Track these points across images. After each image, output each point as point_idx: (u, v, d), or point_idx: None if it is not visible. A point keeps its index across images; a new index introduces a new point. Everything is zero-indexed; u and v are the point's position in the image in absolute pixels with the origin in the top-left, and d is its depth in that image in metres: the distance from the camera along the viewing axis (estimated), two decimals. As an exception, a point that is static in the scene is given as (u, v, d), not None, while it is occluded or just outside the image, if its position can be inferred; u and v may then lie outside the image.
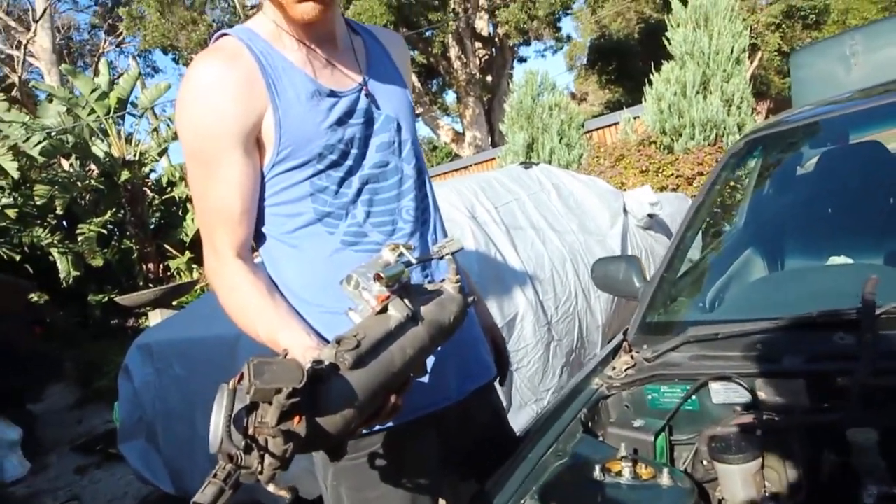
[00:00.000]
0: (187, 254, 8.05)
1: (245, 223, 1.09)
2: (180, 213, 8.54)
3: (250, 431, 0.70)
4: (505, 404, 1.97)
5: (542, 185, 3.80)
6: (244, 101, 1.04)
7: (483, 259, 2.97)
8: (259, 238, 1.15)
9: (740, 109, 6.32)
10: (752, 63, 9.96)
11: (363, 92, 1.14)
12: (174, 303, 6.40)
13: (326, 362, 0.79)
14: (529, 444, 1.22)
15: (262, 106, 1.05)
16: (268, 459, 0.70)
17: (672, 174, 5.79)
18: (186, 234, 8.24)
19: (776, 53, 12.39)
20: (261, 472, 0.70)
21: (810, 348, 1.19)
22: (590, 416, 1.33)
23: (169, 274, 8.15)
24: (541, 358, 2.94)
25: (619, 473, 1.08)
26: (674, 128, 6.32)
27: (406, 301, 0.92)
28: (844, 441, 1.07)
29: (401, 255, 0.96)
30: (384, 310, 0.90)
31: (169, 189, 8.69)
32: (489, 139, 15.01)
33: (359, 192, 1.12)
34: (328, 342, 1.10)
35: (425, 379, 1.05)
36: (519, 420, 2.76)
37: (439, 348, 1.00)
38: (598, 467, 1.09)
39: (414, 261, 0.96)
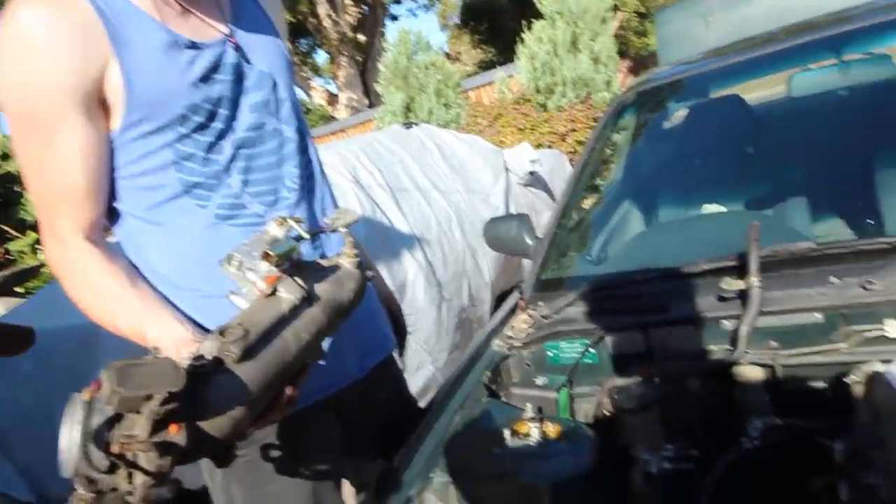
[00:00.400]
0: (30, 234, 7.16)
1: (92, 201, 0.92)
2: (17, 190, 7.56)
3: (114, 449, 0.57)
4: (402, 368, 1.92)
5: (425, 146, 3.74)
6: (80, 51, 0.86)
7: (369, 224, 2.87)
8: (113, 216, 0.98)
9: (607, 67, 6.58)
10: (616, 23, 10.41)
11: (230, 44, 1.00)
12: (19, 290, 5.69)
13: (209, 357, 0.68)
14: (434, 414, 1.17)
15: (104, 58, 0.87)
16: (139, 477, 0.59)
17: (547, 132, 5.94)
18: (27, 213, 7.33)
19: (635, 15, 13.03)
20: (130, 494, 0.58)
21: (699, 295, 1.23)
22: (493, 378, 1.31)
23: (9, 258, 7.24)
24: (434, 320, 2.92)
25: (526, 434, 1.06)
26: (547, 86, 6.47)
27: (298, 280, 0.82)
28: (733, 381, 1.13)
29: (289, 229, 0.85)
30: (274, 292, 0.79)
31: (2, 162, 7.65)
32: (365, 100, 14.64)
33: (232, 159, 0.98)
34: (208, 332, 0.98)
35: (322, 360, 0.96)
36: (416, 382, 2.74)
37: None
38: (506, 431, 1.07)
39: (305, 235, 0.86)
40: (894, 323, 1.03)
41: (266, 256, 0.79)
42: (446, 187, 3.55)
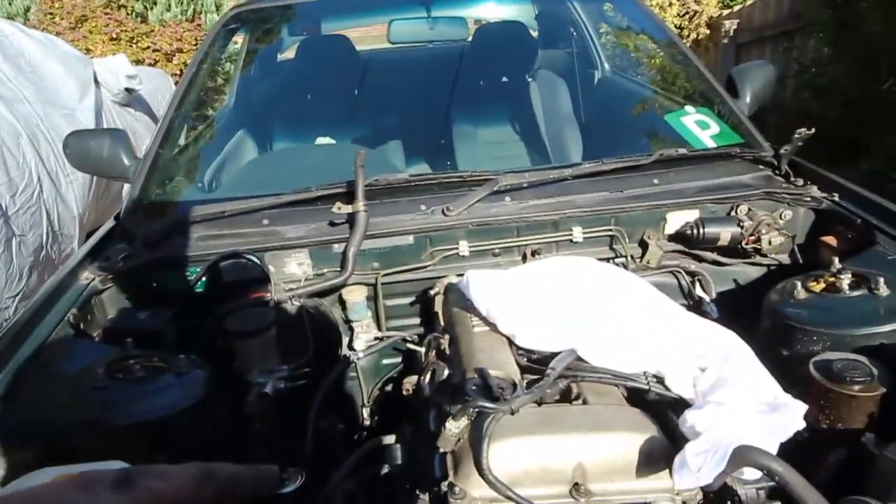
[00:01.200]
0: None
1: None
2: None
3: None
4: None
5: (-24, 36, 2.90)
6: None
7: None
8: None
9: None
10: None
11: None
12: None
13: None
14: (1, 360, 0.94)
15: None
16: None
17: (149, 47, 5.27)
18: None
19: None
20: None
21: (311, 220, 1.26)
22: (81, 315, 1.12)
23: None
24: (1, 259, 2.35)
25: (126, 372, 0.94)
26: (148, -5, 5.70)
27: None
28: (342, 300, 1.21)
29: None
30: None
31: None
32: None
33: None
34: None
35: None
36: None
37: None
38: (100, 371, 0.92)
39: None
40: (465, 244, 1.25)
41: None
42: (11, 94, 2.84)
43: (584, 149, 1.85)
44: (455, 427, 0.73)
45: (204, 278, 1.20)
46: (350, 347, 1.21)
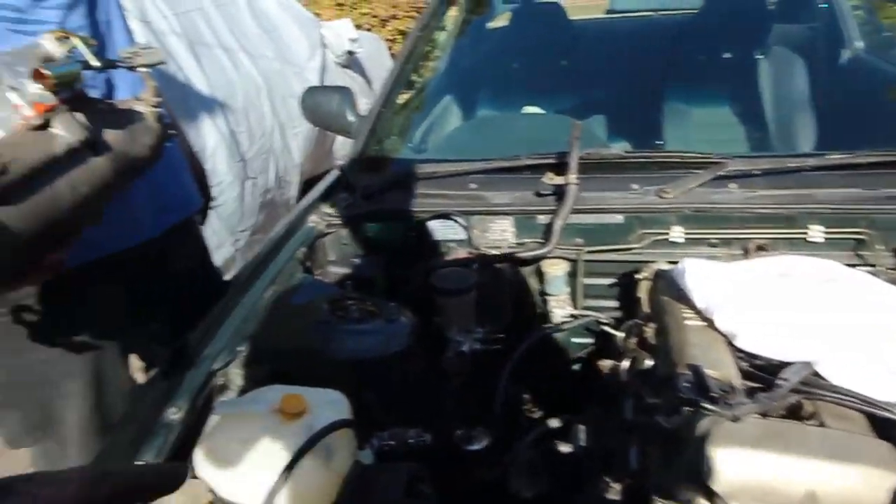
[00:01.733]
0: None
1: None
2: None
3: None
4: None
5: (232, -2, 3.29)
6: None
7: (163, 77, 2.48)
8: None
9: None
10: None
11: None
12: None
13: None
14: (243, 287, 1.08)
15: None
16: None
17: (367, 13, 5.62)
18: None
19: None
20: None
21: (518, 189, 1.26)
22: (308, 255, 1.24)
23: None
24: (237, 197, 2.70)
25: (344, 311, 1.02)
26: (371, -38, 6.05)
27: (79, 118, 0.64)
28: (540, 271, 1.20)
29: (73, 48, 0.66)
30: (45, 125, 0.62)
31: None
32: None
33: None
34: None
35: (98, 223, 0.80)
36: (215, 262, 2.55)
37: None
38: (322, 307, 1.02)
39: (95, 61, 0.67)
40: (679, 229, 1.17)
41: (38, 76, 0.61)
42: (255, 51, 3.20)
43: (819, 138, 1.63)
44: (666, 423, 0.69)
45: (413, 233, 1.26)
46: (544, 320, 1.21)
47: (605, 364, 1.08)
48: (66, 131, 0.63)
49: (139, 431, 0.78)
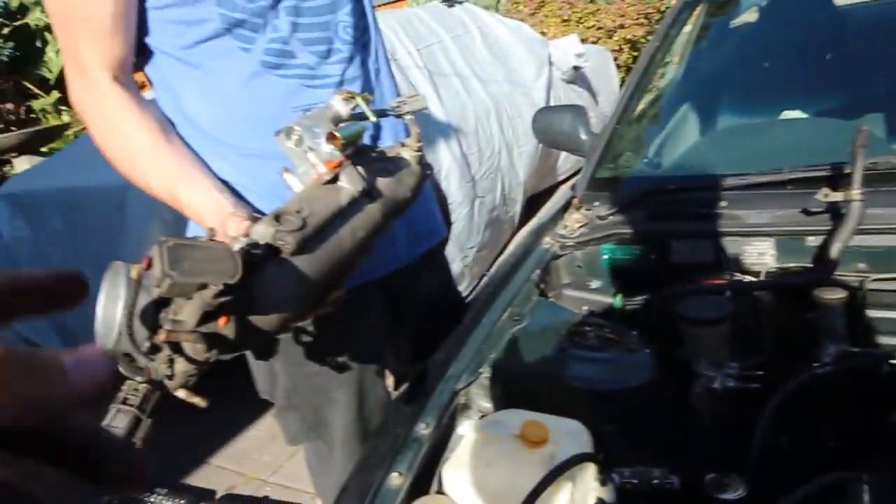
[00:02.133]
0: (54, 93, 7.00)
1: (120, 32, 0.81)
2: (39, 45, 7.32)
3: (160, 336, 0.51)
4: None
5: (467, 28, 3.48)
6: None
7: (405, 107, 2.72)
8: (145, 55, 0.87)
9: (666, -42, 6.04)
10: None
11: None
12: (43, 149, 5.64)
13: (261, 243, 0.61)
14: (483, 308, 1.11)
15: None
16: (181, 365, 0.53)
17: (593, 26, 5.55)
18: (50, 71, 7.12)
19: None
20: (170, 378, 0.53)
21: (781, 206, 1.12)
22: (542, 277, 1.24)
23: (33, 116, 7.13)
24: (466, 215, 2.83)
25: (583, 338, 0.99)
26: (597, -26, 5.97)
27: (361, 171, 0.72)
28: (812, 301, 1.04)
29: (355, 106, 0.74)
30: (334, 179, 0.70)
31: (20, 16, 7.35)
32: (397, -21, 13.78)
33: None
34: (243, 200, 0.89)
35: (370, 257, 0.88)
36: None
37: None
38: (562, 333, 1.00)
39: (372, 117, 0.76)
40: None
41: (331, 138, 0.69)
42: (487, 76, 3.34)
43: None
44: None
45: (654, 256, 1.19)
46: (814, 357, 1.04)
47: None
48: (349, 183, 0.71)
49: (393, 443, 0.84)
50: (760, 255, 1.11)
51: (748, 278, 1.09)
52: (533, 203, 3.79)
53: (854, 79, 1.93)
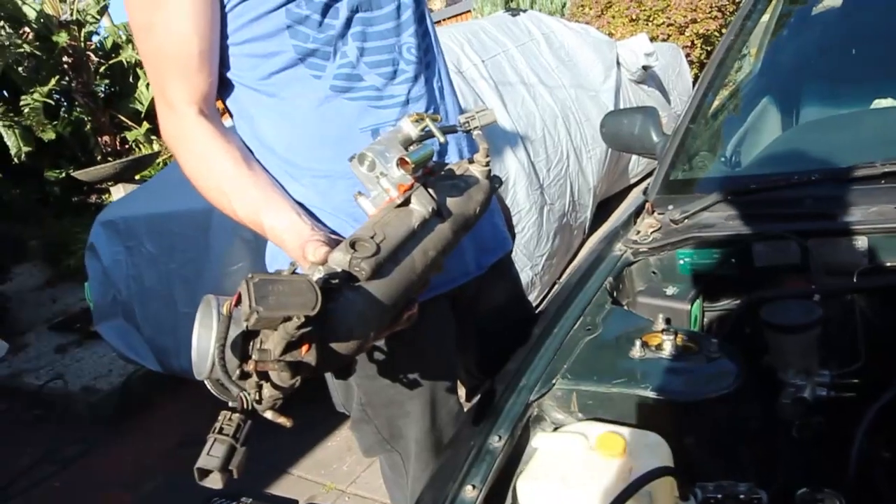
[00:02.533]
0: (144, 125, 7.51)
1: (205, 68, 0.86)
2: (131, 80, 7.87)
3: (249, 365, 0.56)
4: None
5: (532, 35, 3.48)
6: None
7: (472, 118, 2.73)
8: (225, 87, 0.92)
9: (738, -52, 5.80)
10: None
11: None
12: (136, 177, 6.04)
13: (338, 270, 0.64)
14: (554, 317, 1.09)
15: None
16: (268, 390, 0.57)
17: (663, 23, 5.39)
18: (141, 104, 7.65)
19: None
20: (258, 402, 0.57)
21: (872, 202, 1.05)
22: (615, 284, 1.21)
23: (127, 146, 7.65)
24: (535, 223, 2.81)
25: (659, 347, 0.96)
26: (666, -30, 5.80)
27: (431, 192, 0.74)
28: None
29: (424, 127, 0.76)
30: (406, 202, 0.72)
31: (114, 54, 7.93)
32: (461, -10, 13.90)
33: (348, 24, 0.89)
34: (316, 220, 0.92)
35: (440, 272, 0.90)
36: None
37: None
38: (637, 342, 0.97)
39: (441, 137, 0.77)
40: None
41: (402, 163, 0.71)
42: (553, 82, 3.32)
43: None
44: None
45: (733, 259, 1.13)
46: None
47: None
48: (420, 205, 0.73)
49: (467, 455, 0.84)
50: (853, 255, 1.04)
51: (839, 280, 1.02)
52: (604, 208, 3.72)
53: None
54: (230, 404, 0.56)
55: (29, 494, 2.74)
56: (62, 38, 7.07)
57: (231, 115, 0.97)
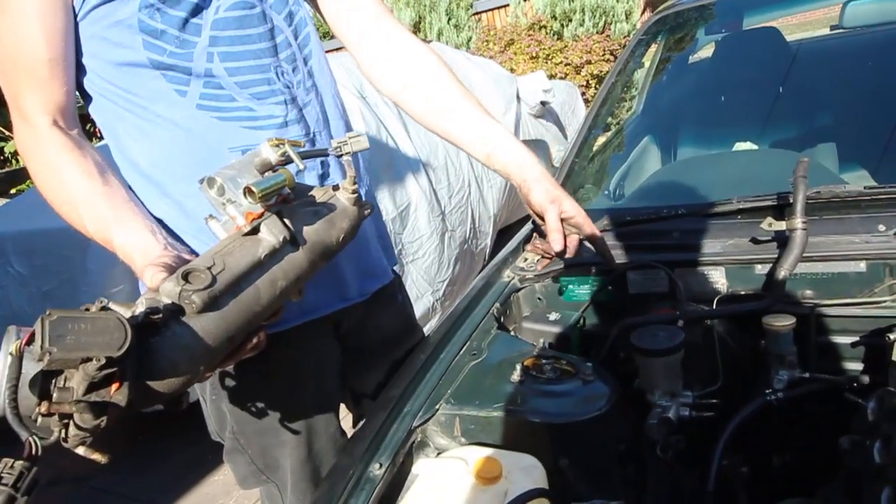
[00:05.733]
0: (24, 135, 6.99)
1: (58, 77, 0.81)
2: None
3: (43, 407, 0.51)
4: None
5: (435, 66, 3.55)
6: None
7: (374, 145, 2.74)
8: (86, 97, 0.87)
9: (628, -3, 6.26)
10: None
11: None
12: (12, 191, 5.57)
13: (167, 302, 0.60)
14: (441, 343, 1.11)
15: None
16: (73, 430, 0.53)
17: (561, 62, 5.69)
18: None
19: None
20: (65, 440, 0.53)
21: (730, 235, 1.14)
22: (502, 310, 1.24)
23: (2, 158, 7.07)
24: (436, 249, 2.84)
25: (539, 371, 0.99)
26: (564, 12, 6.16)
27: (286, 221, 0.72)
28: (761, 329, 1.06)
29: (284, 153, 0.74)
30: (254, 230, 0.69)
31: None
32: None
33: (213, 42, 0.86)
34: (181, 241, 0.88)
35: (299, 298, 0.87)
36: (417, 312, 2.70)
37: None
38: (518, 366, 1.00)
39: (301, 164, 0.75)
40: (945, 278, 0.96)
41: (248, 192, 0.68)
42: (456, 112, 3.39)
43: None
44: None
45: (612, 287, 1.20)
46: (766, 384, 1.06)
47: (851, 440, 0.90)
48: (270, 234, 0.70)
49: (346, 485, 0.82)
50: (712, 284, 1.13)
51: (701, 307, 1.10)
52: (505, 235, 3.82)
53: (804, 111, 2.00)
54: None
55: None
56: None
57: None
